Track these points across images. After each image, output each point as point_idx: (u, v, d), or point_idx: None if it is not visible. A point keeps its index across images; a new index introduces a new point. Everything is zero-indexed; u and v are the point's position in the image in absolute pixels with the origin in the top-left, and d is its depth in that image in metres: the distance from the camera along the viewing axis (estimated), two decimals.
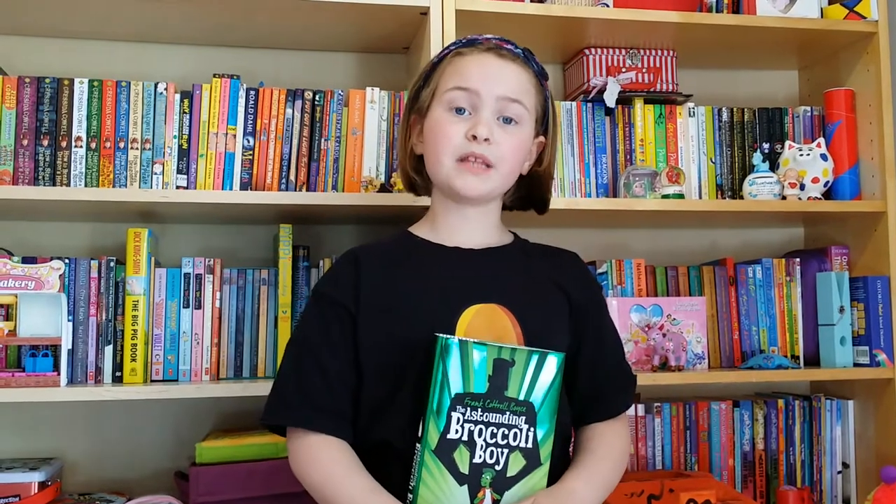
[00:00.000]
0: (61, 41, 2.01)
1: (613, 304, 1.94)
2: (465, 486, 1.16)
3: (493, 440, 1.18)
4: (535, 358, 1.20)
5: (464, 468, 1.17)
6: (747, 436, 2.06)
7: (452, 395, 1.17)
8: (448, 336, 1.19)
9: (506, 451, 1.18)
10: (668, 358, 1.94)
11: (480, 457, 1.17)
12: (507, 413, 1.18)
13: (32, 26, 1.96)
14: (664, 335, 1.96)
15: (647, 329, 1.96)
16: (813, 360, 2.09)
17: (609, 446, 1.34)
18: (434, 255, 1.35)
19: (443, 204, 1.38)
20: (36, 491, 1.69)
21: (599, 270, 2.01)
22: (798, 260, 2.11)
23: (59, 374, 1.69)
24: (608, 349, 1.41)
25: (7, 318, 1.76)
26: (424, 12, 1.85)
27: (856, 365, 2.04)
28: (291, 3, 1.81)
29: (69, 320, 1.75)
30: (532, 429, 1.19)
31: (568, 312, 1.35)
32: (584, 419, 1.37)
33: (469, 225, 1.37)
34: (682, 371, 1.94)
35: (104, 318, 1.79)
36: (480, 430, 1.17)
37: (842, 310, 2.03)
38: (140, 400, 1.93)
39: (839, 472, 2.09)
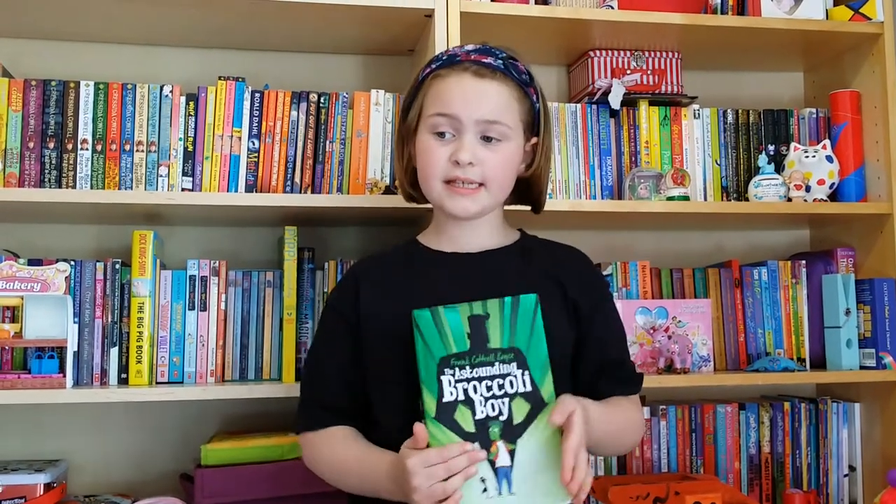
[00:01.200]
0: (67, 44, 2.01)
1: (618, 307, 1.92)
2: (476, 444, 1.16)
3: (490, 393, 1.18)
4: (507, 304, 1.20)
5: (468, 427, 1.17)
6: (753, 438, 2.05)
7: (437, 360, 1.18)
8: (418, 309, 1.21)
9: (506, 400, 1.18)
10: (673, 360, 1.94)
11: (482, 412, 1.17)
12: (496, 363, 1.19)
13: (38, 29, 1.96)
14: (669, 337, 1.95)
15: (652, 331, 1.96)
16: (819, 363, 2.08)
17: (623, 406, 1.37)
18: (431, 262, 1.39)
19: (441, 213, 1.41)
20: (41, 493, 1.69)
21: (604, 272, 2.01)
22: (804, 262, 2.11)
23: (64, 376, 1.70)
24: (609, 349, 1.41)
25: (13, 319, 1.77)
26: (429, 14, 1.85)
27: (862, 367, 2.03)
28: (296, 6, 1.81)
29: (75, 322, 1.76)
30: (526, 371, 1.19)
31: (564, 306, 1.36)
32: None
33: (468, 231, 1.39)
34: (688, 373, 1.93)
35: (110, 320, 1.80)
36: (475, 386, 1.18)
37: (848, 312, 2.03)
38: (145, 402, 1.94)
39: (846, 476, 2.09)
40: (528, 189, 1.45)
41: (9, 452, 1.92)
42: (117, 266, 1.81)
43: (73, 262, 1.78)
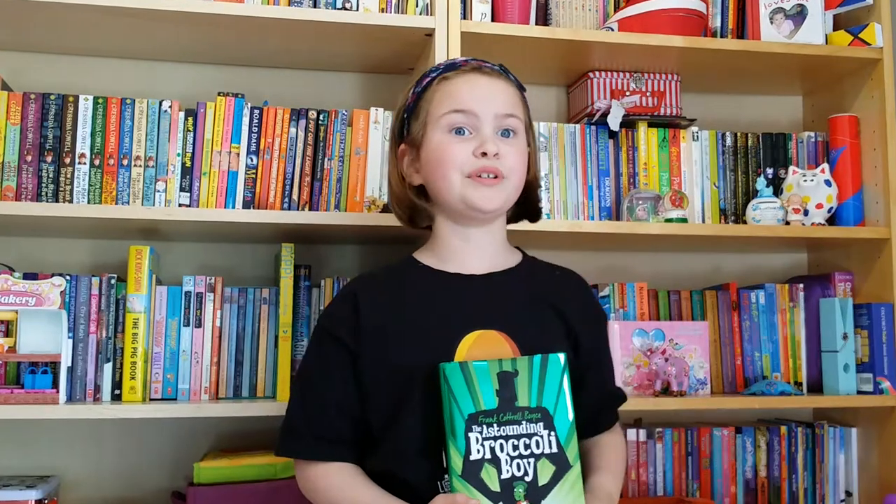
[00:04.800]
0: (66, 58, 2.02)
1: (615, 328, 1.93)
2: None
3: (517, 452, 1.17)
4: (537, 363, 1.19)
5: (494, 486, 1.16)
6: (749, 462, 2.04)
7: (465, 417, 1.17)
8: (447, 362, 1.19)
9: (532, 460, 1.17)
10: (670, 383, 1.93)
11: (508, 471, 1.16)
12: (524, 422, 1.18)
13: (38, 43, 1.96)
14: (666, 360, 1.95)
15: (649, 353, 1.95)
16: (816, 387, 2.07)
17: (615, 447, 1.39)
18: (435, 282, 1.35)
19: (446, 228, 1.37)
20: None
21: (601, 294, 2.01)
22: (802, 286, 2.10)
23: (58, 392, 1.68)
24: (604, 378, 1.43)
25: (7, 334, 1.76)
26: (429, 34, 1.85)
27: (859, 392, 2.02)
28: (297, 24, 1.82)
29: (69, 337, 1.75)
30: (552, 433, 1.18)
31: (566, 335, 1.34)
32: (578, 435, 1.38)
33: (472, 249, 1.36)
34: (685, 396, 1.93)
35: (104, 335, 1.79)
36: (501, 444, 1.17)
37: (845, 336, 2.02)
38: (139, 418, 1.93)
39: (842, 501, 2.08)
40: (528, 196, 1.42)
41: (0, 468, 1.90)
42: (113, 281, 1.80)
43: (68, 277, 1.77)
